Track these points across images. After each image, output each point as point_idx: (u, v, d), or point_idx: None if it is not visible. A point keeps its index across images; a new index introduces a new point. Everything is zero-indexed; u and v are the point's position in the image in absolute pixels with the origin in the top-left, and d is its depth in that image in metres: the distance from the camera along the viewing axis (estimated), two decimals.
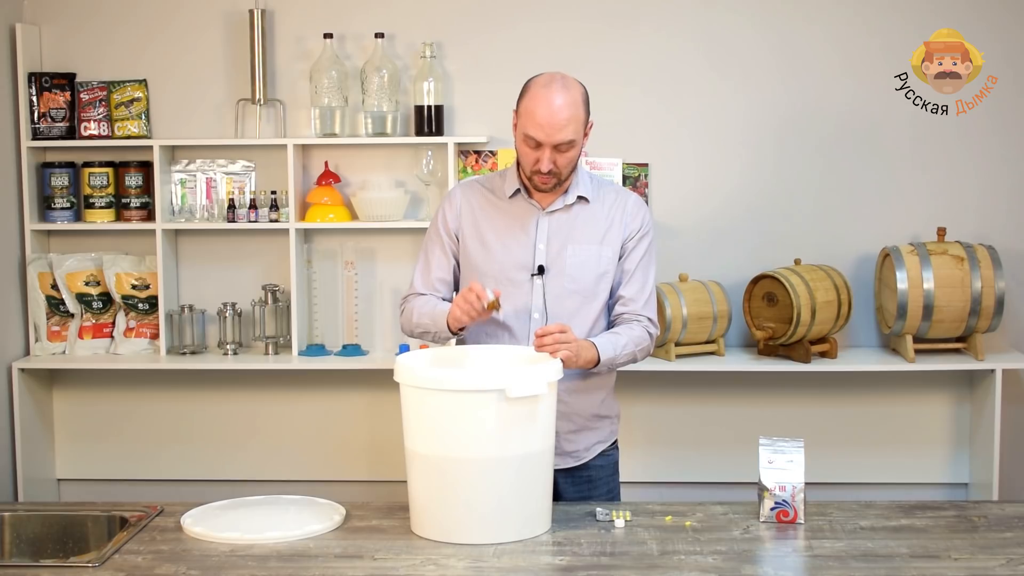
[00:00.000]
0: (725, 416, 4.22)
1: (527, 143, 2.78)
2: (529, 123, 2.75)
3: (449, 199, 2.99)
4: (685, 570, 2.36)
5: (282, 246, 4.19)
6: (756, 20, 4.15)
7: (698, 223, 4.21)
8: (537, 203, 2.90)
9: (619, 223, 2.92)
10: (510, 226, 2.91)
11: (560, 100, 2.75)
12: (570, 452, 2.93)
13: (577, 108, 2.77)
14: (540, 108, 2.74)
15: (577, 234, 2.89)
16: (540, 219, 2.89)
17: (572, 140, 2.76)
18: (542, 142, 2.75)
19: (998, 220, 4.16)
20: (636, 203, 2.96)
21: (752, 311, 4.08)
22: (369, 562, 2.41)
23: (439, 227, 2.97)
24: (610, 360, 2.82)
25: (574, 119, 2.76)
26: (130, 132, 4.21)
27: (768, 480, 2.62)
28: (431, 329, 2.89)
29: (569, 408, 2.88)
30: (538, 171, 2.79)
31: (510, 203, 2.92)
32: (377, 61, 4.10)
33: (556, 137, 2.74)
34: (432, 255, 2.98)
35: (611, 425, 3.02)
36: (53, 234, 4.30)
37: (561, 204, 2.89)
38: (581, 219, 2.90)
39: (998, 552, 2.45)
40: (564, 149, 2.77)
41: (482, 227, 2.92)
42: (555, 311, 2.86)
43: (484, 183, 2.99)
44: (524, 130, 2.77)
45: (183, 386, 4.31)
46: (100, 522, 2.76)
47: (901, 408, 4.20)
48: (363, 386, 4.25)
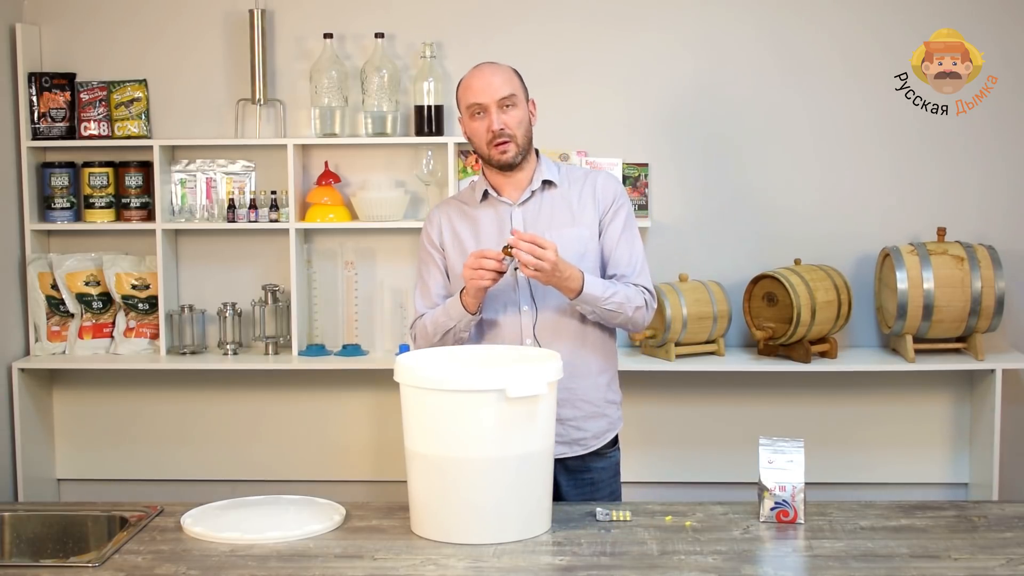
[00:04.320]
0: (725, 416, 4.22)
1: (474, 117, 2.89)
2: (468, 94, 2.90)
3: (429, 219, 3.06)
4: (685, 570, 2.36)
5: (282, 246, 4.19)
6: (756, 20, 4.15)
7: (698, 223, 4.21)
8: (507, 199, 2.95)
9: (591, 201, 2.95)
10: (486, 227, 2.95)
11: (488, 67, 2.92)
12: (577, 440, 2.93)
13: (508, 73, 2.92)
14: (473, 79, 2.91)
15: (551, 220, 2.93)
16: (513, 212, 2.94)
17: (512, 95, 2.88)
18: (485, 104, 2.86)
19: (998, 220, 4.16)
20: (605, 178, 3.00)
21: (752, 311, 4.08)
22: (369, 562, 2.41)
23: (426, 246, 3.03)
24: (594, 297, 2.81)
25: (508, 80, 2.89)
26: (130, 132, 4.21)
27: (768, 480, 2.62)
28: (450, 325, 2.89)
29: (572, 394, 2.89)
30: (492, 137, 2.86)
31: (482, 207, 2.98)
32: (377, 61, 4.10)
33: (498, 94, 2.86)
34: (428, 274, 3.02)
35: (617, 411, 3.02)
36: (53, 234, 4.30)
37: (529, 193, 2.94)
38: (552, 204, 2.94)
39: (998, 552, 2.45)
40: (507, 107, 2.87)
41: (461, 236, 2.97)
42: (543, 300, 2.89)
43: (458, 198, 3.07)
44: (466, 104, 2.90)
45: (183, 386, 4.31)
46: (100, 522, 2.76)
47: (901, 408, 4.21)
48: (363, 386, 4.25)
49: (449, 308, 2.89)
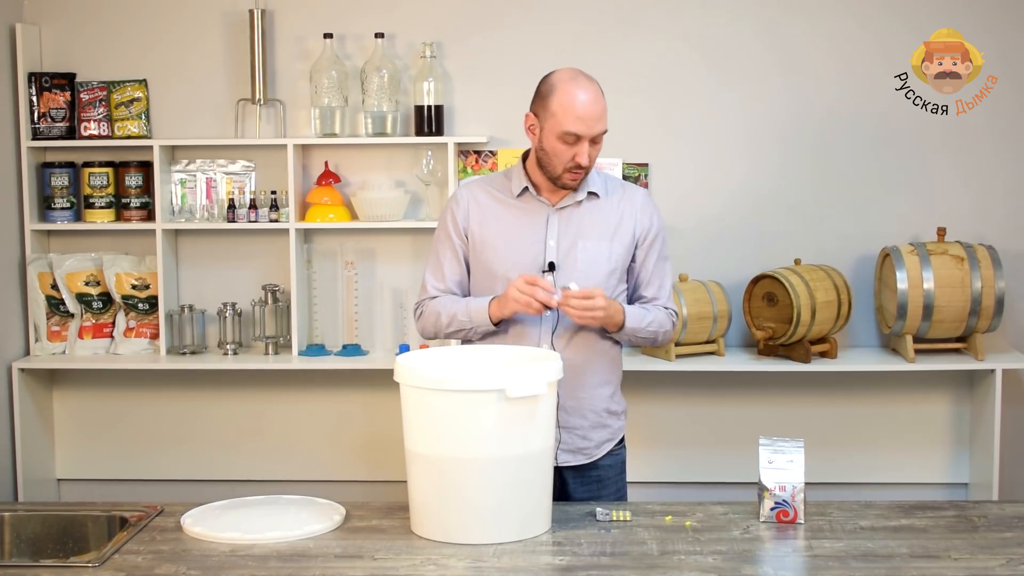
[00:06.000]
0: (725, 416, 4.22)
1: (564, 140, 2.77)
2: (568, 119, 2.76)
3: (455, 200, 2.97)
4: (685, 570, 2.36)
5: (282, 246, 4.19)
6: (756, 20, 4.15)
7: (698, 223, 4.21)
8: (547, 200, 2.90)
9: (629, 219, 2.92)
10: (519, 224, 2.89)
11: (592, 92, 2.79)
12: (582, 449, 2.93)
13: (604, 101, 2.82)
14: (576, 102, 2.76)
15: (587, 230, 2.89)
16: (551, 216, 2.89)
17: (606, 130, 2.81)
18: (582, 135, 2.76)
19: (998, 220, 4.16)
20: (644, 199, 2.97)
21: (752, 311, 4.08)
22: (369, 562, 2.41)
23: (448, 229, 2.95)
24: (632, 330, 2.86)
25: (605, 111, 2.81)
26: (130, 132, 4.21)
27: (768, 480, 2.62)
28: (467, 326, 2.87)
29: (580, 404, 2.89)
30: (576, 166, 2.79)
31: (518, 201, 2.91)
32: (377, 61, 4.10)
33: (596, 128, 2.77)
34: (444, 258, 2.95)
35: (621, 420, 3.02)
36: (53, 234, 4.30)
37: (572, 200, 2.89)
38: (591, 215, 2.90)
39: (998, 552, 2.45)
40: (598, 140, 2.80)
41: (491, 226, 2.91)
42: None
43: (488, 183, 2.99)
44: (562, 128, 2.76)
45: (183, 386, 4.31)
46: (100, 522, 2.76)
47: (901, 408, 4.20)
48: (363, 386, 4.25)
49: (472, 311, 2.85)
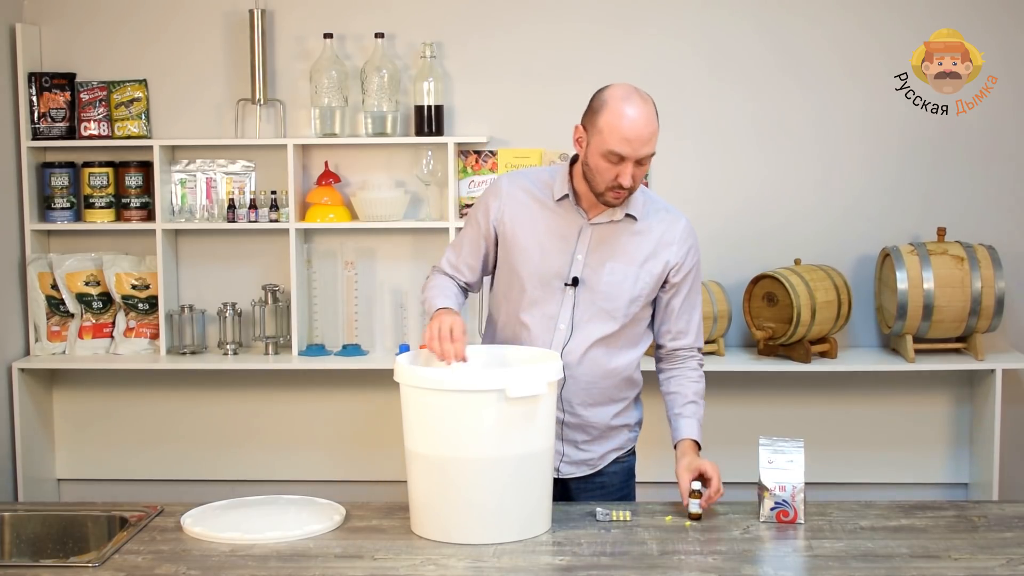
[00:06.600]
0: (725, 416, 4.21)
1: (608, 159, 2.68)
2: (614, 139, 2.66)
3: (495, 189, 2.88)
4: (685, 570, 2.36)
5: (282, 246, 4.19)
6: (756, 20, 4.15)
7: (697, 223, 4.11)
8: (584, 212, 2.81)
9: (664, 249, 2.83)
10: (551, 232, 2.81)
11: (645, 114, 2.69)
12: (585, 460, 2.90)
13: (656, 120, 2.72)
14: (625, 123, 2.66)
15: (619, 252, 2.80)
16: (584, 229, 2.80)
17: (653, 153, 2.71)
18: (627, 157, 2.67)
19: (998, 220, 4.16)
20: (685, 231, 2.87)
21: (752, 311, 4.08)
22: (369, 562, 2.41)
23: (479, 215, 2.88)
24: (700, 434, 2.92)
25: (655, 134, 2.71)
26: (130, 132, 4.21)
27: (768, 480, 2.62)
28: (428, 311, 2.82)
29: (583, 420, 2.85)
30: (618, 186, 2.70)
31: (556, 207, 2.82)
32: (377, 61, 4.10)
33: (642, 151, 2.68)
34: (467, 238, 2.90)
35: (628, 433, 2.97)
36: (53, 234, 4.30)
37: (608, 218, 2.80)
38: (625, 238, 2.81)
39: (998, 552, 2.45)
40: (645, 162, 2.71)
41: (524, 227, 2.82)
42: (581, 326, 2.79)
43: (531, 179, 2.88)
44: (607, 146, 2.67)
45: (183, 386, 4.31)
46: (100, 522, 2.76)
47: (901, 408, 4.20)
48: (363, 386, 4.25)
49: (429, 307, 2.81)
